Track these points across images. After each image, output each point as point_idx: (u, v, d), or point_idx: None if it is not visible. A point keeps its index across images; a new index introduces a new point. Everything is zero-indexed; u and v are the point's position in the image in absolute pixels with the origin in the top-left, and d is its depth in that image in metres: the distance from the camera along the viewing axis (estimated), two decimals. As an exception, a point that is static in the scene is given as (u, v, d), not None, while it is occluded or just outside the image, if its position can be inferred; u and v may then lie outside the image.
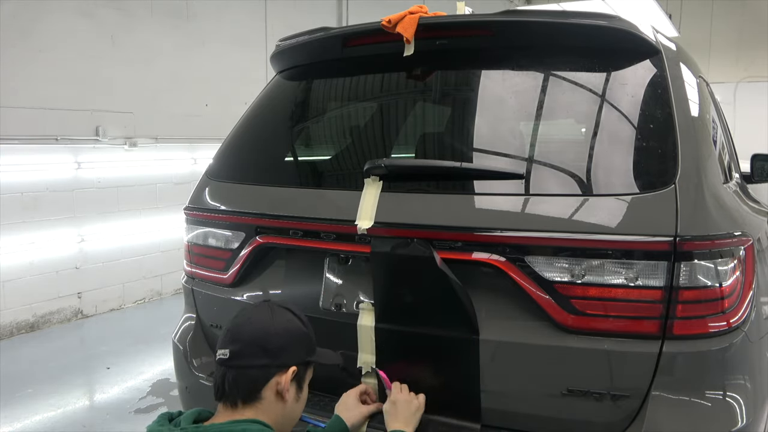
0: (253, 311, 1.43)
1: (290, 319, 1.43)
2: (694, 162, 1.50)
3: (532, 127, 1.69)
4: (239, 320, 1.41)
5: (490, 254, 1.51)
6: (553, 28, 1.73)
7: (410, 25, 1.77)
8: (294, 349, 1.40)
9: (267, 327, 1.38)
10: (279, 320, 1.40)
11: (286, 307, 1.45)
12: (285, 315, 1.42)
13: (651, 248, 1.39)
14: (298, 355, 1.41)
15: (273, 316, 1.40)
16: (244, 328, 1.38)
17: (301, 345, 1.43)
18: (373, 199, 1.64)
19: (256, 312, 1.42)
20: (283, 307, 1.45)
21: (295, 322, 1.43)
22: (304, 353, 1.43)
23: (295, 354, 1.40)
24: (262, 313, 1.41)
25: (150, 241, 5.40)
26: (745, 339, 1.47)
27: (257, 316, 1.40)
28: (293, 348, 1.40)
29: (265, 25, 6.32)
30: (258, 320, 1.39)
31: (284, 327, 1.40)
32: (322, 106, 2.20)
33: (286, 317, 1.42)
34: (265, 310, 1.42)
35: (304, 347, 1.44)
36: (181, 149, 5.62)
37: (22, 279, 4.49)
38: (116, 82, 4.99)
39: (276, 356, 1.37)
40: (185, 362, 2.06)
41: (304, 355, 1.43)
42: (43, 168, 4.54)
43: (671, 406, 1.41)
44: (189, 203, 2.10)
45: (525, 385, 1.53)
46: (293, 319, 1.43)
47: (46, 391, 3.54)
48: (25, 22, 4.35)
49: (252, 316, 1.40)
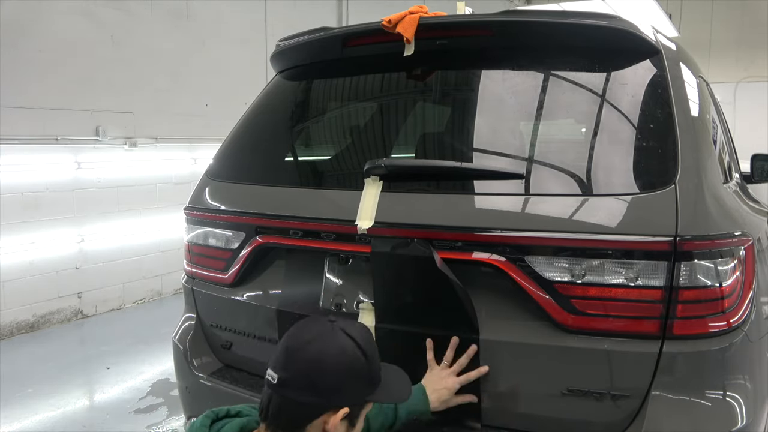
0: (313, 331, 1.24)
1: (350, 351, 1.23)
2: (694, 162, 1.50)
3: (532, 127, 1.69)
4: (296, 341, 1.23)
5: (490, 254, 1.51)
6: (553, 28, 1.73)
7: (410, 25, 1.77)
8: (348, 389, 1.23)
9: (323, 359, 1.20)
10: (338, 351, 1.22)
11: (349, 334, 1.25)
12: (346, 344, 1.23)
13: (651, 248, 1.39)
14: (353, 396, 1.24)
15: (333, 344, 1.22)
16: (299, 353, 1.21)
17: (359, 383, 1.24)
18: (373, 199, 1.64)
19: (316, 334, 1.24)
20: (346, 334, 1.25)
21: (356, 354, 1.23)
22: (361, 392, 1.26)
23: (349, 394, 1.23)
24: (322, 337, 1.23)
25: (150, 241, 5.40)
26: (745, 339, 1.47)
27: (316, 340, 1.22)
28: (348, 388, 1.22)
29: (265, 25, 6.32)
30: (315, 347, 1.21)
31: (342, 361, 1.21)
32: (322, 106, 2.20)
33: (347, 346, 1.23)
34: (325, 334, 1.24)
35: (362, 385, 1.25)
36: (181, 149, 5.62)
37: (22, 279, 4.49)
38: (116, 82, 4.99)
39: (326, 397, 1.20)
40: (185, 362, 2.06)
41: (360, 394, 1.26)
42: (43, 168, 4.54)
43: (671, 406, 1.41)
44: (189, 203, 2.10)
45: (525, 385, 1.53)
46: (355, 351, 1.23)
47: (46, 391, 3.54)
48: (25, 22, 4.35)
49: (311, 340, 1.23)
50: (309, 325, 1.27)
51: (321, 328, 1.25)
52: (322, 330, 1.24)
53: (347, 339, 1.24)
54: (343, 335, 1.24)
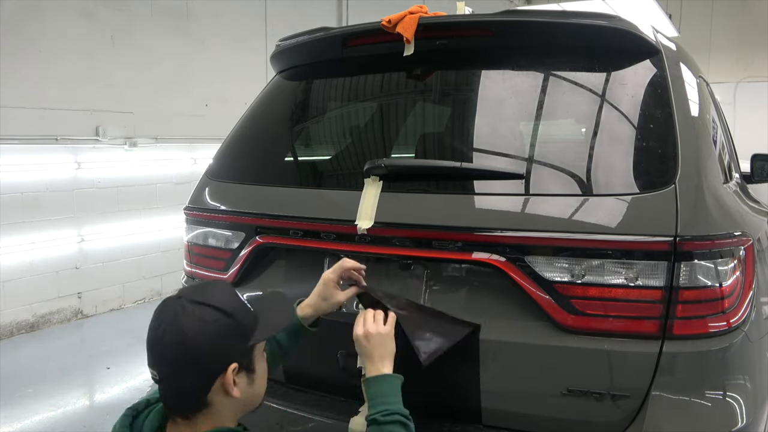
0: (166, 317, 1.21)
1: (207, 316, 1.20)
2: (694, 162, 1.50)
3: (532, 127, 1.69)
4: (155, 334, 1.21)
5: (490, 254, 1.51)
6: (553, 28, 1.73)
7: (410, 25, 1.77)
8: (224, 348, 1.21)
9: (184, 339, 1.17)
10: (192, 325, 1.18)
11: (200, 301, 1.22)
12: (197, 313, 1.20)
13: (651, 248, 1.39)
14: (231, 351, 1.22)
15: (187, 321, 1.19)
16: (162, 345, 1.20)
17: (232, 338, 1.22)
18: (373, 199, 1.64)
19: (170, 319, 1.20)
20: (197, 302, 1.22)
21: (213, 316, 1.21)
22: (239, 343, 1.24)
23: (227, 352, 1.21)
24: (174, 321, 1.20)
25: (150, 241, 5.40)
26: (745, 339, 1.47)
27: (171, 325, 1.19)
28: (222, 347, 1.21)
29: (265, 25, 6.32)
30: (171, 333, 1.19)
31: (202, 330, 1.18)
32: (322, 106, 2.20)
33: (200, 315, 1.20)
34: (175, 316, 1.20)
35: (237, 337, 1.23)
36: (181, 149, 5.61)
37: (22, 279, 4.49)
38: (116, 82, 4.99)
39: (207, 366, 1.19)
40: (185, 362, 2.06)
41: (239, 346, 1.24)
42: (43, 168, 4.54)
43: (671, 406, 1.41)
44: (189, 203, 2.10)
45: (525, 385, 1.53)
46: (209, 312, 1.21)
47: (46, 391, 3.54)
48: (25, 22, 4.35)
49: (166, 327, 1.20)
50: (161, 312, 1.23)
51: (171, 309, 1.21)
52: (173, 311, 1.21)
53: (198, 306, 1.21)
54: (193, 305, 1.21)
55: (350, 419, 1.64)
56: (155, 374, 1.21)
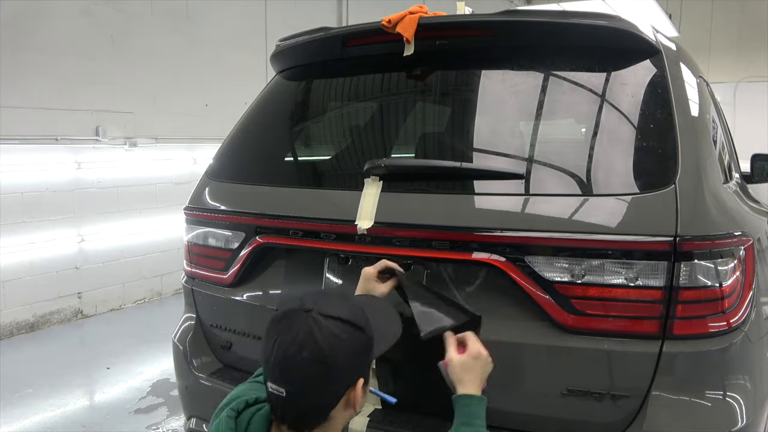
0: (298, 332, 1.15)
1: (342, 332, 1.16)
2: (694, 162, 1.50)
3: (532, 127, 1.69)
4: (287, 351, 1.14)
5: (490, 254, 1.51)
6: (553, 28, 1.73)
7: (410, 25, 1.77)
8: (356, 365, 1.19)
9: (323, 358, 1.13)
10: (332, 341, 1.15)
11: (331, 316, 1.18)
12: (335, 328, 1.16)
13: (651, 248, 1.39)
14: (362, 367, 1.21)
15: (324, 338, 1.14)
16: (295, 362, 1.13)
17: (362, 353, 1.21)
18: (373, 199, 1.64)
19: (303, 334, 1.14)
20: (329, 317, 1.17)
21: (350, 332, 1.17)
22: (367, 358, 1.23)
23: (359, 367, 1.20)
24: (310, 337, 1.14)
25: (150, 241, 5.40)
26: (745, 339, 1.47)
27: (306, 341, 1.14)
28: (356, 364, 1.19)
29: (265, 25, 6.32)
30: (310, 350, 1.13)
31: (340, 348, 1.15)
32: (322, 106, 2.20)
33: (338, 331, 1.16)
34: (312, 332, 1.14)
35: (365, 352, 1.22)
36: (181, 149, 5.62)
37: (22, 279, 4.49)
38: (116, 82, 4.99)
39: (340, 384, 1.17)
40: (185, 362, 2.06)
41: (367, 360, 1.23)
42: (43, 168, 4.54)
43: (671, 406, 1.41)
44: (189, 203, 2.10)
45: (525, 385, 1.53)
46: (345, 329, 1.17)
47: (46, 391, 3.54)
48: (25, 22, 4.35)
49: (301, 343, 1.14)
50: (289, 326, 1.17)
51: (302, 324, 1.15)
52: (305, 326, 1.15)
53: (332, 321, 1.17)
54: (327, 319, 1.17)
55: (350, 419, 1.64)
56: (280, 392, 1.15)
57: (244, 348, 1.97)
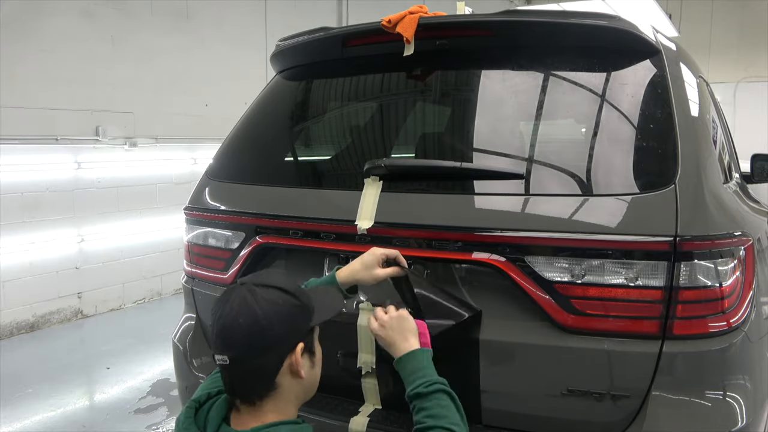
0: (234, 304, 1.24)
1: (277, 298, 1.25)
2: (694, 162, 1.50)
3: (532, 127, 1.69)
4: (225, 320, 1.24)
5: (490, 254, 1.51)
6: (553, 28, 1.73)
7: (410, 25, 1.77)
8: (294, 328, 1.26)
9: (258, 320, 1.22)
10: (266, 306, 1.23)
11: (265, 284, 1.27)
12: (269, 295, 1.25)
13: (651, 248, 1.39)
14: (299, 331, 1.27)
15: (258, 303, 1.23)
16: (234, 330, 1.22)
17: (299, 318, 1.28)
18: (373, 199, 1.64)
19: (239, 304, 1.24)
20: (263, 285, 1.27)
21: (283, 297, 1.26)
22: (305, 323, 1.29)
23: (296, 331, 1.26)
24: (245, 304, 1.23)
25: (150, 241, 5.40)
26: (745, 339, 1.47)
27: (242, 309, 1.23)
28: (293, 327, 1.26)
29: (265, 25, 6.32)
30: (245, 315, 1.22)
31: (275, 311, 1.23)
32: (322, 106, 2.20)
33: (272, 297, 1.25)
34: (246, 299, 1.24)
35: (303, 317, 1.29)
36: (181, 149, 5.62)
37: (22, 279, 4.48)
38: (116, 82, 4.99)
39: (279, 346, 1.24)
40: (185, 362, 2.06)
41: (305, 325, 1.29)
42: (43, 168, 4.54)
43: (671, 406, 1.41)
44: (189, 203, 2.10)
45: (525, 385, 1.53)
46: (279, 295, 1.26)
47: (46, 391, 3.54)
48: (25, 22, 4.35)
49: (237, 312, 1.23)
50: (228, 299, 1.25)
51: (239, 294, 1.25)
52: (242, 295, 1.24)
53: (267, 289, 1.25)
54: (262, 288, 1.25)
55: (350, 419, 1.64)
56: (224, 359, 1.23)
57: (244, 348, 1.97)
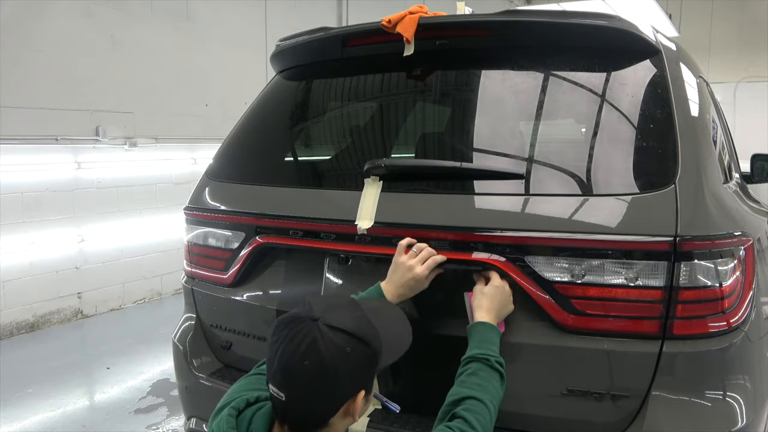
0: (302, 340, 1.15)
1: (347, 346, 1.16)
2: (694, 162, 1.50)
3: (532, 127, 1.69)
4: (290, 357, 1.15)
5: (490, 254, 1.51)
6: (553, 28, 1.72)
7: (410, 25, 1.77)
8: (357, 377, 1.19)
9: (324, 366, 1.14)
10: (335, 352, 1.15)
11: (335, 327, 1.17)
12: (339, 340, 1.16)
13: (651, 248, 1.39)
14: (363, 379, 1.21)
15: (327, 348, 1.14)
16: (297, 369, 1.15)
17: (365, 366, 1.21)
18: (373, 199, 1.64)
19: (308, 342, 1.15)
20: (332, 327, 1.17)
21: (354, 346, 1.17)
22: (370, 370, 1.23)
23: (360, 380, 1.20)
24: (313, 347, 1.15)
25: (150, 241, 5.40)
26: (745, 339, 1.47)
27: (309, 349, 1.15)
28: (357, 377, 1.19)
29: (265, 25, 6.32)
30: (311, 359, 1.14)
31: (343, 359, 1.15)
32: (322, 106, 2.20)
33: (342, 344, 1.16)
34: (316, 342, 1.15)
35: (370, 365, 1.22)
36: (181, 149, 5.62)
37: (22, 279, 4.49)
38: (116, 82, 4.99)
39: (340, 395, 1.18)
40: (185, 362, 2.06)
41: (370, 372, 1.23)
42: (43, 168, 4.54)
43: (671, 406, 1.41)
44: (189, 203, 2.10)
45: (525, 385, 1.53)
46: (350, 342, 1.17)
47: (46, 391, 3.54)
48: (25, 22, 4.35)
49: (304, 351, 1.15)
50: (294, 331, 1.17)
51: (307, 332, 1.16)
52: (309, 334, 1.16)
53: (338, 334, 1.17)
54: (332, 331, 1.17)
55: None
56: (281, 396, 1.17)
57: (244, 348, 1.97)
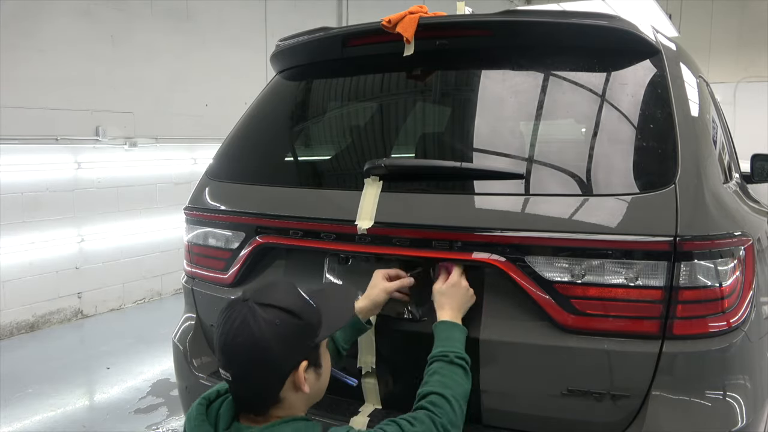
0: (236, 323, 1.24)
1: (276, 319, 1.24)
2: (694, 162, 1.50)
3: (532, 127, 1.69)
4: (226, 338, 1.24)
5: (490, 254, 1.51)
6: (553, 28, 1.73)
7: (410, 25, 1.77)
8: (296, 347, 1.26)
9: (257, 341, 1.22)
10: (265, 327, 1.22)
11: (265, 303, 1.26)
12: (268, 315, 1.24)
13: (651, 248, 1.39)
14: (301, 350, 1.27)
15: (257, 324, 1.22)
16: (234, 347, 1.23)
17: (302, 337, 1.28)
18: (373, 199, 1.64)
19: (240, 322, 1.24)
20: (263, 304, 1.25)
21: (284, 318, 1.25)
22: (309, 341, 1.29)
23: (298, 350, 1.27)
24: (244, 324, 1.23)
25: (150, 241, 5.40)
26: (745, 339, 1.47)
27: (242, 328, 1.23)
28: (294, 347, 1.26)
29: (265, 25, 6.32)
30: (244, 336, 1.22)
31: (275, 332, 1.23)
32: (322, 106, 2.20)
33: (271, 317, 1.24)
34: (246, 319, 1.23)
35: (305, 337, 1.28)
36: (181, 149, 5.62)
37: (22, 279, 4.49)
38: (116, 82, 4.99)
39: (280, 367, 1.24)
40: (185, 362, 2.06)
41: (307, 344, 1.29)
42: (43, 168, 4.54)
43: (671, 406, 1.41)
44: (189, 203, 2.10)
45: (525, 385, 1.53)
46: (278, 314, 1.25)
47: (46, 391, 3.54)
48: (25, 22, 4.35)
49: (237, 330, 1.23)
50: (229, 315, 1.26)
51: (240, 312, 1.25)
52: (242, 314, 1.24)
53: (267, 309, 1.25)
54: (261, 307, 1.25)
55: (350, 419, 1.64)
56: (228, 375, 1.26)
57: (244, 348, 1.97)
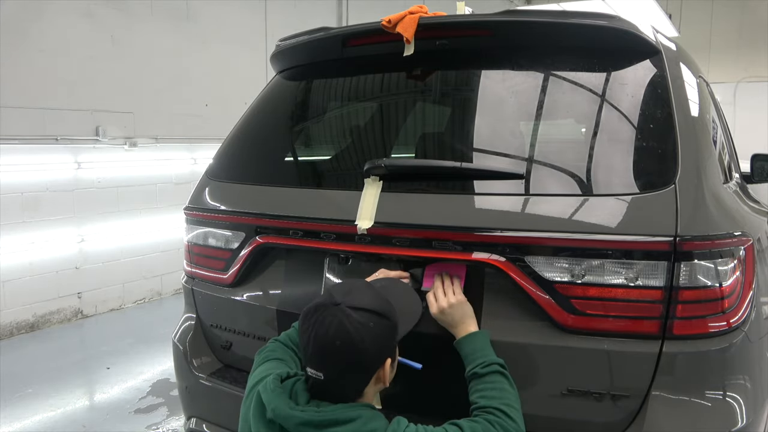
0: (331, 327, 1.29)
1: (369, 321, 1.30)
2: (694, 162, 1.50)
3: (532, 127, 1.69)
4: (323, 341, 1.29)
5: (490, 254, 1.51)
6: (553, 28, 1.73)
7: (410, 25, 1.77)
8: (385, 347, 1.35)
9: (355, 344, 1.28)
10: (362, 330, 1.29)
11: (358, 307, 1.31)
12: (362, 318, 1.30)
13: (651, 248, 1.39)
14: (390, 348, 1.36)
15: (354, 327, 1.28)
16: (330, 350, 1.28)
17: (390, 337, 1.36)
18: (373, 199, 1.64)
19: (336, 328, 1.28)
20: (357, 308, 1.31)
21: (375, 320, 1.31)
22: (394, 340, 1.39)
23: (387, 349, 1.35)
24: (342, 328, 1.28)
25: (150, 241, 5.40)
26: (745, 339, 1.47)
27: (339, 333, 1.28)
28: (384, 346, 1.34)
29: (265, 25, 6.32)
30: (342, 338, 1.28)
31: (370, 335, 1.29)
32: (322, 106, 2.20)
33: (365, 320, 1.30)
34: (343, 323, 1.28)
35: (392, 335, 1.37)
36: (181, 149, 5.62)
37: (22, 279, 4.49)
38: (116, 82, 4.99)
39: (372, 365, 1.33)
40: (185, 362, 2.06)
41: (394, 342, 1.39)
42: (43, 168, 4.54)
43: (671, 406, 1.41)
44: (189, 203, 2.10)
45: (525, 385, 1.53)
46: (371, 317, 1.31)
47: (46, 391, 3.54)
48: (25, 22, 4.35)
49: (334, 335, 1.28)
50: (321, 319, 1.30)
51: (335, 316, 1.30)
52: (338, 318, 1.29)
53: (360, 312, 1.30)
54: (355, 311, 1.30)
55: None
56: (319, 375, 1.31)
57: (244, 348, 1.97)
